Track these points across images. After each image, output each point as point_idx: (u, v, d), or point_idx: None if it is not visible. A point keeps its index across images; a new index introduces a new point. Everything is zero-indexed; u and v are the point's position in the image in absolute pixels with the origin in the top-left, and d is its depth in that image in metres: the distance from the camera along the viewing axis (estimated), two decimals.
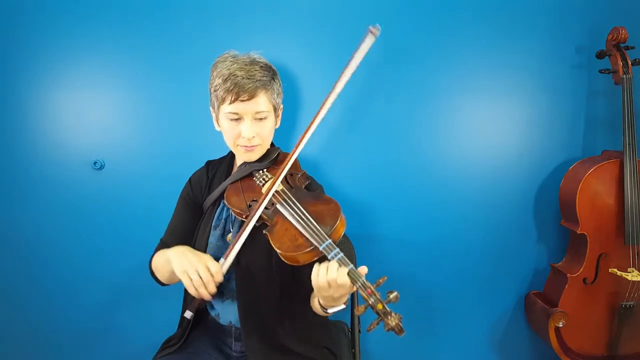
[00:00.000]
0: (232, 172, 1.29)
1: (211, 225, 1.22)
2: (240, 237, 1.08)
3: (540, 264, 1.76)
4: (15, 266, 1.65)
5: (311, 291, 1.06)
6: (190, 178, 1.33)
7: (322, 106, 1.11)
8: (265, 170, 1.21)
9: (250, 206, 1.13)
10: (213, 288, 1.04)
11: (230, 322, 1.21)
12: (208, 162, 1.36)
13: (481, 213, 1.71)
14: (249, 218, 1.09)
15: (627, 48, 1.57)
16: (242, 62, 1.14)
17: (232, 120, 1.15)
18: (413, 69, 1.63)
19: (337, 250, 0.96)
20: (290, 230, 1.04)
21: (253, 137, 1.16)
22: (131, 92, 1.59)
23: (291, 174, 1.21)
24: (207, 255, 1.08)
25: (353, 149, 1.65)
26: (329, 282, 0.95)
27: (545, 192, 1.71)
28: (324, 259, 0.97)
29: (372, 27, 1.08)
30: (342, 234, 1.04)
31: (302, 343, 1.18)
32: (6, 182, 1.61)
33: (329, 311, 1.05)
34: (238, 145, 1.19)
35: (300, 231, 1.02)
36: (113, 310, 1.68)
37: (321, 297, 1.03)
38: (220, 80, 1.13)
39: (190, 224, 1.27)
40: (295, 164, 1.25)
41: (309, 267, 1.00)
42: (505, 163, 1.70)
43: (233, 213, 1.16)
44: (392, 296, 0.91)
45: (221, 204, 1.24)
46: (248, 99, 1.12)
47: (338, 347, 1.27)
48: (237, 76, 1.11)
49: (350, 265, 0.94)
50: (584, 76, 1.68)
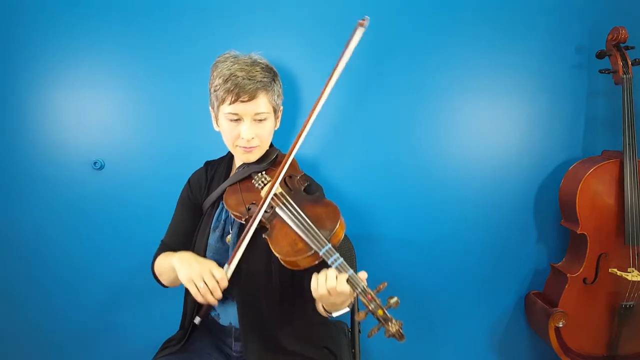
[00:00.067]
0: (231, 173, 1.29)
1: (210, 226, 1.21)
2: (242, 243, 1.07)
3: (540, 264, 1.76)
4: (15, 266, 1.65)
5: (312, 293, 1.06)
6: (189, 179, 1.32)
7: (316, 104, 1.09)
8: (264, 172, 1.20)
9: (249, 209, 1.12)
10: (219, 294, 1.05)
11: (230, 323, 1.21)
12: (207, 163, 1.35)
13: (481, 213, 1.71)
14: (249, 224, 1.08)
15: (627, 48, 1.57)
16: (243, 63, 1.14)
17: (232, 120, 1.15)
18: (413, 69, 1.63)
19: (337, 255, 0.96)
20: (289, 234, 1.04)
21: (252, 139, 1.16)
22: (131, 92, 1.59)
23: (290, 176, 1.20)
24: (211, 261, 1.08)
25: (353, 149, 1.65)
26: (329, 291, 0.95)
27: (545, 192, 1.71)
28: (324, 263, 0.97)
29: (361, 20, 1.05)
30: (342, 237, 1.04)
31: (302, 343, 1.18)
32: (6, 182, 1.61)
33: (334, 315, 1.05)
34: (237, 146, 1.18)
35: (300, 235, 1.02)
36: (113, 310, 1.68)
37: (323, 304, 1.03)
38: (220, 80, 1.12)
39: (190, 225, 1.26)
40: (294, 166, 1.24)
41: (309, 271, 1.01)
42: (505, 163, 1.70)
43: (232, 216, 1.16)
44: (393, 302, 0.91)
45: (220, 205, 1.24)
46: (248, 100, 1.11)
47: (338, 347, 1.27)
48: (238, 77, 1.10)
49: (350, 271, 0.94)
50: (584, 76, 1.68)
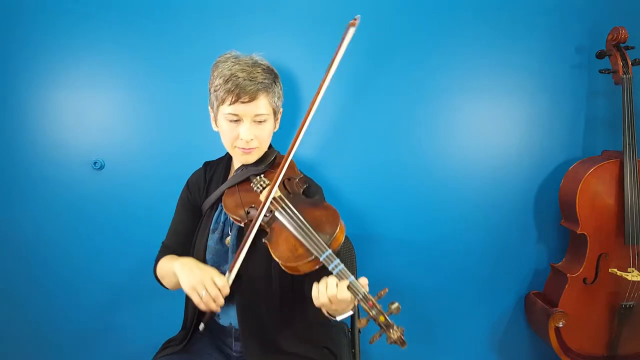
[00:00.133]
0: (230, 175, 1.28)
1: (209, 228, 1.21)
2: (242, 250, 1.07)
3: (540, 264, 1.76)
4: (15, 266, 1.65)
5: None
6: (188, 181, 1.32)
7: (310, 107, 1.07)
8: (262, 175, 1.19)
9: (248, 213, 1.12)
10: (221, 302, 1.05)
11: (230, 324, 1.21)
12: (205, 164, 1.34)
13: (481, 213, 1.71)
14: (249, 231, 1.07)
15: (627, 48, 1.57)
16: (244, 64, 1.13)
17: (231, 121, 1.14)
18: (413, 69, 1.63)
19: (338, 261, 0.96)
20: (289, 239, 1.03)
21: (251, 140, 1.15)
22: (131, 92, 1.59)
23: (288, 179, 1.19)
24: (212, 268, 1.08)
25: (353, 149, 1.65)
26: (330, 299, 0.95)
27: (545, 192, 1.71)
28: (325, 268, 0.98)
29: (352, 20, 1.04)
30: (342, 241, 1.03)
31: (302, 343, 1.18)
32: (6, 182, 1.61)
33: (338, 319, 1.04)
34: (236, 147, 1.17)
35: (300, 241, 1.01)
36: (113, 310, 1.68)
37: (326, 310, 1.03)
38: (221, 80, 1.11)
39: (191, 226, 1.26)
40: (292, 168, 1.23)
41: (310, 275, 1.01)
42: (505, 163, 1.70)
43: (231, 219, 1.15)
44: (394, 307, 0.91)
45: (219, 207, 1.23)
46: (249, 101, 1.11)
47: (338, 347, 1.27)
48: (239, 77, 1.10)
49: (350, 277, 0.94)
50: (584, 76, 1.68)
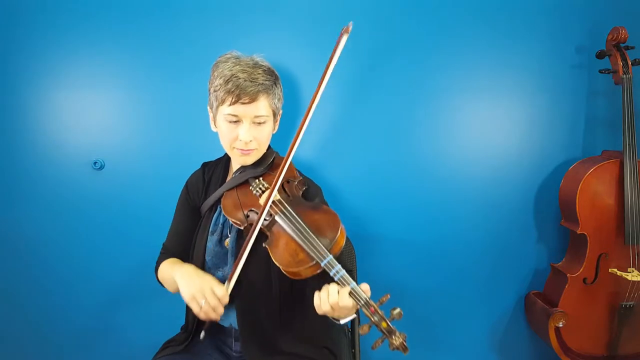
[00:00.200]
0: (228, 176, 1.28)
1: (208, 230, 1.21)
2: (242, 257, 1.07)
3: (540, 264, 1.76)
4: (15, 266, 1.65)
5: (313, 298, 1.05)
6: (186, 182, 1.32)
7: (307, 114, 1.06)
8: (261, 178, 1.18)
9: (248, 216, 1.11)
10: (221, 311, 1.05)
11: (230, 324, 1.21)
12: (204, 164, 1.34)
13: (481, 213, 1.71)
14: (248, 237, 1.07)
15: (627, 48, 1.57)
16: (245, 64, 1.12)
17: (231, 122, 1.13)
18: (413, 69, 1.63)
19: (339, 267, 0.96)
20: (290, 244, 1.03)
21: (250, 141, 1.14)
22: (131, 92, 1.59)
23: (288, 181, 1.18)
24: (211, 277, 1.08)
25: (353, 149, 1.65)
26: (332, 306, 0.95)
27: (545, 192, 1.71)
28: (326, 273, 0.98)
29: (345, 27, 1.02)
30: (343, 245, 1.03)
31: (302, 343, 1.18)
32: (6, 182, 1.61)
33: (341, 322, 1.04)
34: (234, 147, 1.16)
35: (300, 245, 1.01)
36: (113, 310, 1.68)
37: (329, 316, 1.03)
38: (221, 80, 1.11)
39: (191, 227, 1.26)
40: (291, 170, 1.22)
41: (311, 278, 1.01)
42: (505, 163, 1.70)
43: (231, 221, 1.15)
44: (395, 313, 0.92)
45: (218, 209, 1.22)
46: (249, 102, 1.10)
47: (338, 347, 1.27)
48: (239, 78, 1.09)
49: (352, 283, 0.94)
50: (584, 76, 1.68)
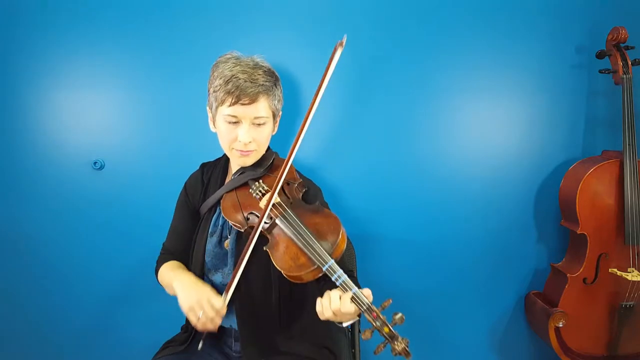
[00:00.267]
0: (227, 177, 1.27)
1: (208, 231, 1.20)
2: (241, 264, 1.06)
3: (540, 264, 1.76)
4: (15, 266, 1.65)
5: (313, 299, 1.05)
6: (185, 183, 1.31)
7: (307, 116, 1.05)
8: (261, 180, 1.17)
9: (248, 219, 1.11)
10: (218, 322, 1.06)
11: (230, 325, 1.21)
12: (202, 165, 1.33)
13: (481, 213, 1.71)
14: (248, 243, 1.06)
15: (627, 48, 1.57)
16: (246, 65, 1.12)
17: (230, 123, 1.12)
18: (413, 69, 1.63)
19: (340, 272, 0.96)
20: (291, 248, 1.03)
21: (250, 142, 1.13)
22: (131, 92, 1.59)
23: (288, 183, 1.18)
24: (210, 289, 1.08)
25: (353, 149, 1.65)
26: (334, 312, 0.95)
27: (545, 192, 1.71)
28: (327, 276, 0.98)
29: (340, 40, 1.03)
30: (344, 249, 1.03)
31: (302, 343, 1.18)
32: (6, 182, 1.61)
33: (344, 325, 1.04)
34: (233, 148, 1.16)
35: (301, 249, 1.01)
36: (113, 310, 1.68)
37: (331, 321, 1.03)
38: (221, 81, 1.10)
39: (190, 228, 1.26)
40: (291, 172, 1.21)
41: (312, 282, 1.01)
42: (505, 163, 1.70)
43: (231, 224, 1.14)
44: (397, 318, 0.92)
45: (217, 210, 1.22)
46: (249, 103, 1.10)
47: (338, 347, 1.27)
48: (240, 79, 1.08)
49: (354, 288, 0.94)
50: (584, 76, 1.68)
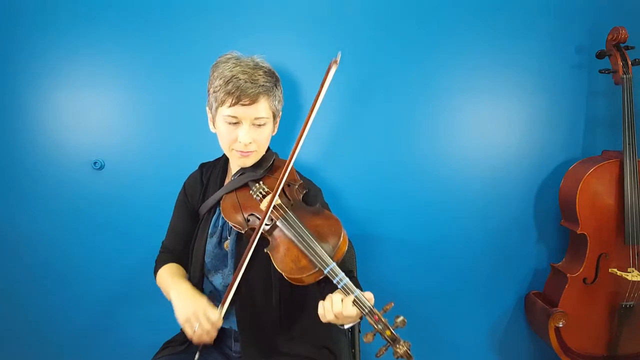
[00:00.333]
0: (227, 177, 1.27)
1: (208, 232, 1.20)
2: (241, 269, 1.06)
3: (540, 264, 1.76)
4: (15, 266, 1.65)
5: (314, 301, 1.05)
6: (184, 184, 1.31)
7: (306, 122, 1.06)
8: (261, 182, 1.17)
9: (248, 220, 1.11)
10: (214, 335, 1.06)
11: (230, 326, 1.21)
12: (202, 165, 1.33)
13: (481, 213, 1.71)
14: (249, 245, 1.06)
15: (627, 48, 1.57)
16: (246, 65, 1.11)
17: (230, 124, 1.12)
18: (413, 69, 1.63)
19: (342, 275, 0.96)
20: (292, 250, 1.03)
21: (250, 143, 1.13)
22: (131, 92, 1.59)
23: (288, 185, 1.17)
24: (206, 301, 1.07)
25: (353, 149, 1.65)
26: (336, 315, 0.95)
27: (545, 192, 1.71)
28: (328, 279, 0.98)
29: (334, 59, 1.04)
30: (345, 251, 1.03)
31: (302, 343, 1.18)
32: (6, 182, 1.61)
33: (345, 327, 1.03)
34: (233, 149, 1.15)
35: (303, 252, 1.01)
36: (113, 310, 1.68)
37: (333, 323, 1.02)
38: (221, 81, 1.10)
39: (189, 227, 1.26)
40: (292, 173, 1.20)
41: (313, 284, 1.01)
42: (505, 163, 1.70)
43: (231, 225, 1.14)
44: (399, 321, 0.92)
45: (217, 211, 1.22)
46: (249, 104, 1.09)
47: (338, 347, 1.27)
48: (240, 79, 1.08)
49: (356, 292, 0.94)
50: (584, 76, 1.68)
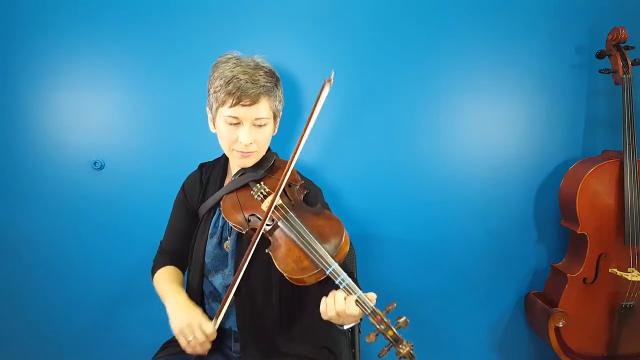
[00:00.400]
0: (227, 177, 1.27)
1: (208, 233, 1.20)
2: (241, 271, 1.06)
3: (540, 264, 1.76)
4: (15, 266, 1.65)
5: (314, 300, 1.05)
6: (183, 184, 1.31)
7: (306, 125, 1.06)
8: (262, 182, 1.17)
9: (249, 221, 1.10)
10: (208, 347, 1.06)
11: (230, 326, 1.20)
12: (201, 165, 1.32)
13: (481, 213, 1.71)
14: (250, 246, 1.05)
15: (627, 48, 1.57)
16: (246, 66, 1.11)
17: (231, 124, 1.11)
18: (413, 69, 1.63)
19: (344, 275, 0.96)
20: (293, 250, 1.02)
21: (250, 144, 1.12)
22: (131, 92, 1.58)
23: (289, 185, 1.17)
24: (200, 313, 1.08)
25: (353, 149, 1.65)
26: (338, 313, 0.95)
27: (545, 192, 1.71)
28: (330, 279, 0.98)
29: (327, 78, 1.04)
30: (347, 251, 1.03)
31: (302, 344, 1.18)
32: (6, 182, 1.61)
33: (345, 327, 1.03)
34: (234, 150, 1.15)
35: (304, 252, 1.01)
36: (113, 310, 1.68)
37: (333, 322, 1.02)
38: (222, 81, 1.09)
39: (187, 227, 1.26)
40: (292, 174, 1.19)
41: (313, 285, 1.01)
42: (505, 163, 1.70)
43: (232, 226, 1.14)
44: (402, 321, 0.92)
45: (217, 212, 1.21)
46: (250, 104, 1.09)
47: (338, 347, 1.27)
48: (241, 80, 1.07)
49: (358, 292, 0.94)
50: (584, 76, 1.68)
